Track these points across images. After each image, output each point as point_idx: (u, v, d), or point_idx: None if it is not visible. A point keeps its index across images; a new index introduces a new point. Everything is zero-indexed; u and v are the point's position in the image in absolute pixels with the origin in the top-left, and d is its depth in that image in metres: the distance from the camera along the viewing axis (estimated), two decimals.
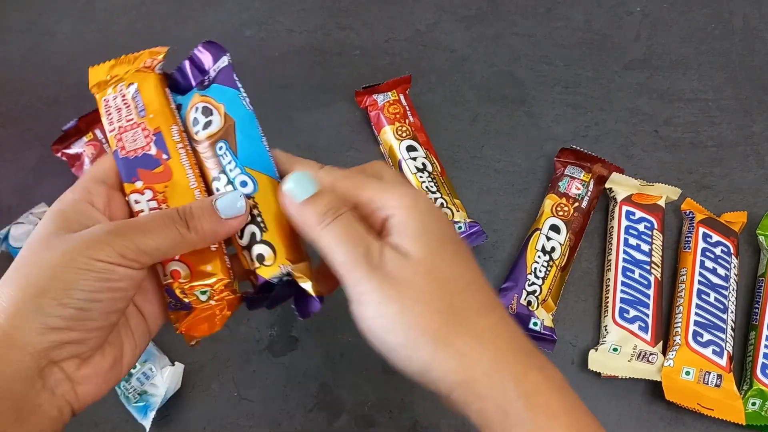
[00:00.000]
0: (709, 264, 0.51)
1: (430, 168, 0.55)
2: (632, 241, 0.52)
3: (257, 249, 0.35)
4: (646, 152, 0.58)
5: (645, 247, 0.52)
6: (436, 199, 0.53)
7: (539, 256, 0.52)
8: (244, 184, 0.35)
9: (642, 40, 0.62)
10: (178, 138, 0.36)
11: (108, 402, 0.50)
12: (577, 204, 0.54)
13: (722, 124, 0.59)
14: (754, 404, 0.47)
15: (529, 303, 0.50)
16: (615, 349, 0.49)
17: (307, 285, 0.35)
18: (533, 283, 0.51)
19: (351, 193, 0.35)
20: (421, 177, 0.55)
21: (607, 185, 0.55)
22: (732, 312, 0.50)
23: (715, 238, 0.52)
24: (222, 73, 0.38)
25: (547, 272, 0.51)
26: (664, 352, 0.50)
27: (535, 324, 0.50)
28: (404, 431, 0.50)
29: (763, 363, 0.48)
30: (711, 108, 0.59)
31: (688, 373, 0.48)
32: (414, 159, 0.56)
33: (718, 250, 0.52)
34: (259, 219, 0.35)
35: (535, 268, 0.51)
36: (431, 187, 0.54)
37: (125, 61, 0.39)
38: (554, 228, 0.53)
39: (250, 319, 0.53)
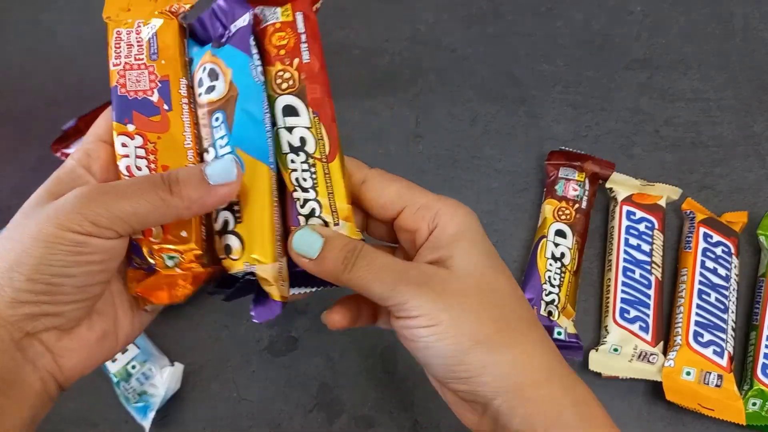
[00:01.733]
0: (709, 264, 0.51)
1: (311, 147, 0.35)
2: (633, 241, 0.52)
3: (227, 239, 0.33)
4: (646, 152, 0.58)
5: (646, 247, 0.52)
6: (306, 200, 0.34)
7: (551, 264, 0.51)
8: None
9: (642, 40, 0.62)
10: (185, 92, 0.34)
11: (108, 402, 0.50)
12: (577, 206, 0.54)
13: (723, 123, 0.59)
14: (754, 404, 0.47)
15: (550, 313, 0.50)
16: (615, 350, 0.49)
17: (271, 289, 0.33)
18: (550, 293, 0.50)
19: (405, 195, 0.35)
20: (292, 162, 0.35)
21: (607, 185, 0.55)
22: (732, 312, 0.50)
23: (716, 238, 0.52)
24: (239, 33, 0.35)
25: (562, 279, 0.51)
26: (665, 353, 0.50)
27: (560, 333, 0.49)
28: (404, 431, 0.50)
29: (763, 363, 0.48)
30: (712, 108, 0.59)
31: (688, 373, 0.48)
32: (290, 129, 0.35)
33: (718, 250, 0.52)
34: (235, 207, 0.33)
35: (549, 277, 0.51)
36: (304, 180, 0.34)
37: None
38: (560, 233, 0.52)
39: (250, 319, 0.53)
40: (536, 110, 0.60)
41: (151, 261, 0.33)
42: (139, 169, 0.33)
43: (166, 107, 0.34)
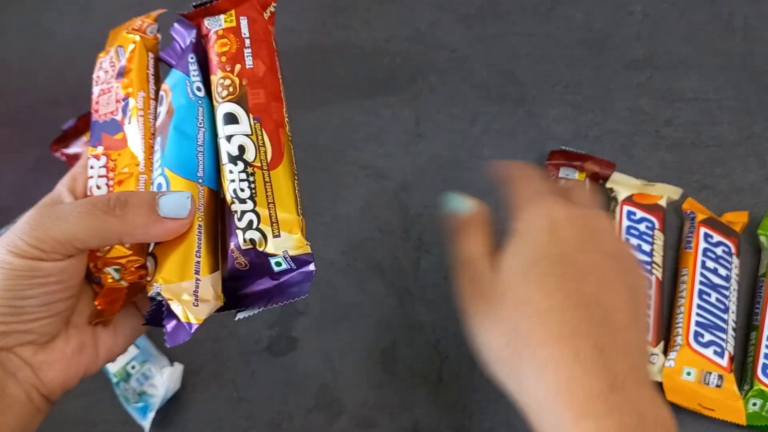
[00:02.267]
0: (710, 264, 0.51)
1: (250, 154, 0.32)
2: (633, 241, 0.52)
3: (148, 260, 0.32)
4: (646, 152, 0.58)
5: (646, 248, 0.52)
6: (243, 212, 0.32)
7: None
8: (159, 187, 0.32)
9: (643, 40, 0.62)
10: (141, 105, 0.34)
11: (107, 402, 0.50)
12: None
13: (723, 124, 0.59)
14: (754, 405, 0.47)
15: None
16: None
17: (178, 309, 0.31)
18: None
19: (512, 187, 0.39)
20: (230, 173, 0.32)
21: (608, 185, 0.55)
22: (733, 312, 0.50)
23: (716, 238, 0.52)
24: (183, 54, 0.35)
25: None
26: (665, 353, 0.50)
27: None
28: None
29: (763, 363, 0.48)
30: (712, 108, 0.59)
31: (689, 373, 0.48)
32: (229, 138, 0.33)
33: (719, 250, 0.52)
34: None
35: None
36: (242, 191, 0.32)
37: (128, 23, 0.37)
38: None
39: (250, 319, 0.53)
40: (536, 110, 0.60)
41: (97, 276, 0.32)
42: (98, 188, 0.34)
43: (126, 122, 0.34)
